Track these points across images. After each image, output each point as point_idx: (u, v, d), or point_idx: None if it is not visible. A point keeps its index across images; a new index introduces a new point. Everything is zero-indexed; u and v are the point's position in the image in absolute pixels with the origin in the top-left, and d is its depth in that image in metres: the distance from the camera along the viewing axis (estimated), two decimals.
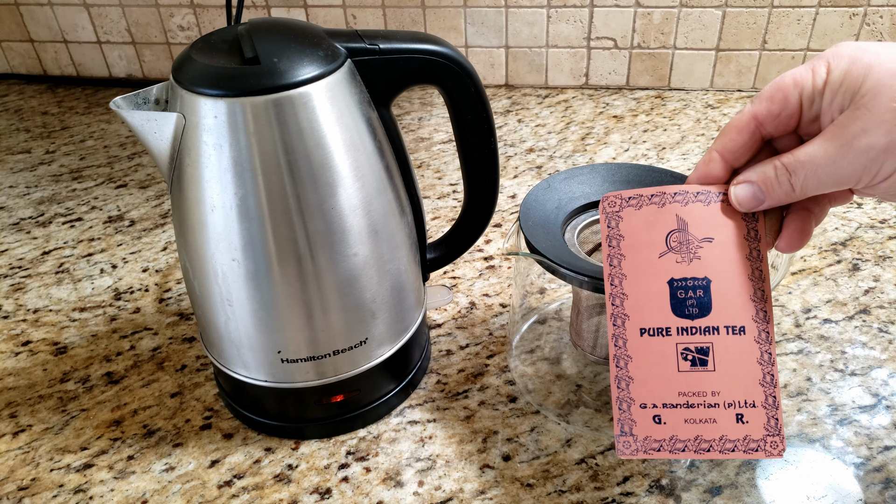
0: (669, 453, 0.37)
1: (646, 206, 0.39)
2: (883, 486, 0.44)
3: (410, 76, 0.43)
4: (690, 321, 0.37)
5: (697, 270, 0.37)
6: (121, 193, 0.80)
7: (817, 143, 0.34)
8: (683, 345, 0.37)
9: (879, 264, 0.63)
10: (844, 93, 0.33)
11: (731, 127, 0.37)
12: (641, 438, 0.37)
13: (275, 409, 0.48)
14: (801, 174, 0.34)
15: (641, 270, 0.38)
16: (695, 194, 0.38)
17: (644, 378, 0.38)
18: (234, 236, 0.40)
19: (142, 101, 0.41)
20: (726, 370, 0.37)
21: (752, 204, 0.36)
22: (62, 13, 1.02)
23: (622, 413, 0.38)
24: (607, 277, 0.38)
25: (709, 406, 0.37)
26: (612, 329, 0.38)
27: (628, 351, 0.38)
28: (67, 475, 0.47)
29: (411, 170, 0.47)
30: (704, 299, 0.37)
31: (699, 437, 0.37)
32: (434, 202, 0.75)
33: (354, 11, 0.97)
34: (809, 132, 0.36)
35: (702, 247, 0.38)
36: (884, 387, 0.51)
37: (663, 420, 0.37)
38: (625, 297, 0.38)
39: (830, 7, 0.87)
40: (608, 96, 0.97)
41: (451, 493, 0.44)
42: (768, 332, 0.37)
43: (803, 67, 0.35)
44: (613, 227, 0.39)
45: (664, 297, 0.38)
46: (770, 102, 0.36)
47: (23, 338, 0.59)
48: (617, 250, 0.39)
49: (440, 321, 0.59)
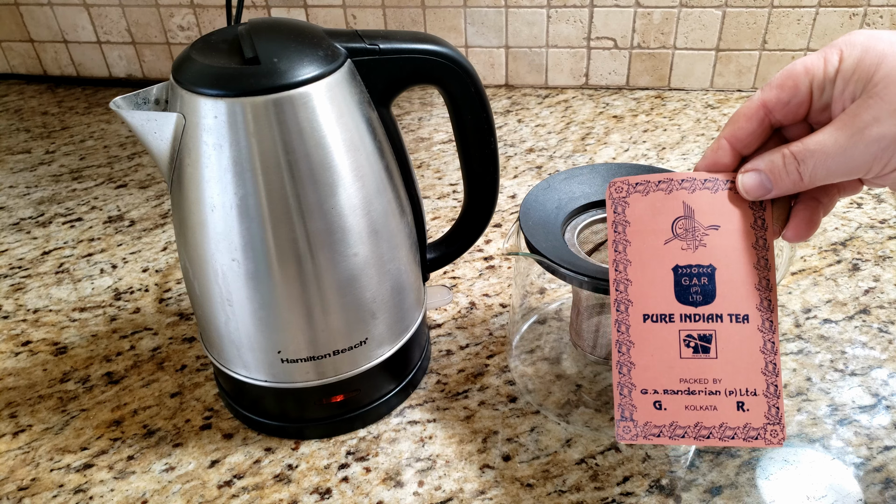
0: (669, 439, 0.37)
1: (653, 192, 0.38)
2: (883, 486, 0.44)
3: (410, 76, 0.43)
4: (694, 308, 0.37)
5: (703, 258, 0.37)
6: (121, 193, 0.80)
7: (827, 131, 0.33)
8: (686, 332, 0.37)
9: (879, 264, 0.63)
10: (857, 81, 0.33)
11: (740, 114, 0.37)
12: (641, 424, 0.37)
13: (275, 409, 0.48)
14: (811, 163, 0.34)
15: (646, 256, 0.38)
16: (702, 181, 0.38)
17: (646, 364, 0.38)
18: (234, 236, 0.40)
19: (142, 101, 0.41)
20: (728, 358, 0.37)
21: (759, 192, 0.36)
22: (62, 13, 1.02)
23: (623, 398, 0.38)
24: (612, 263, 0.38)
25: (710, 393, 0.37)
26: (616, 314, 0.38)
27: (631, 336, 0.38)
28: (67, 475, 0.47)
29: (411, 170, 0.47)
30: (709, 287, 0.37)
31: (699, 424, 0.37)
32: (434, 202, 0.75)
33: (354, 11, 0.97)
34: (819, 121, 0.35)
35: (708, 234, 0.37)
36: (884, 387, 0.51)
37: (664, 406, 0.37)
38: (629, 283, 0.38)
39: (830, 7, 0.87)
40: (608, 96, 0.97)
41: (451, 493, 0.44)
42: (772, 322, 0.37)
43: (815, 55, 0.34)
44: (619, 212, 0.39)
45: (668, 283, 0.38)
46: (780, 90, 0.35)
47: (23, 338, 0.59)
48: (622, 236, 0.38)
49: (440, 321, 0.59)
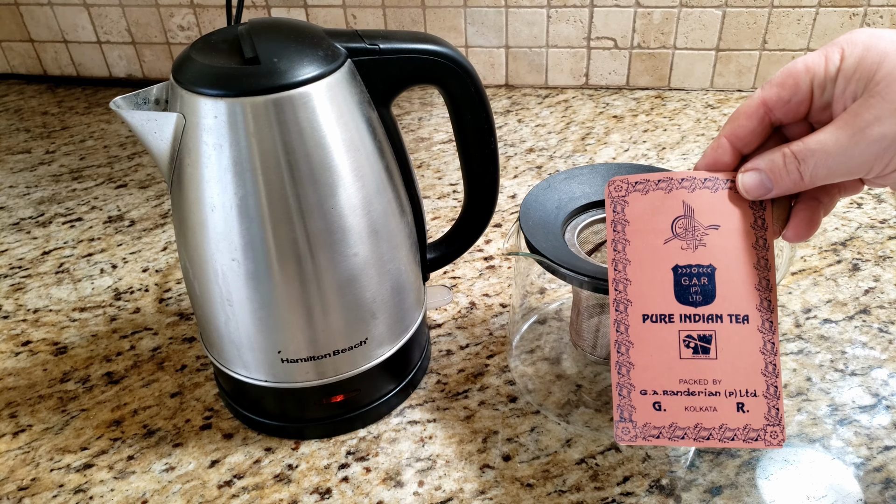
0: (669, 440, 0.37)
1: (652, 191, 0.38)
2: (883, 486, 0.44)
3: (410, 76, 0.43)
4: (694, 308, 0.37)
5: (702, 258, 0.37)
6: (121, 193, 0.80)
7: (828, 130, 0.33)
8: (686, 332, 0.37)
9: (879, 264, 0.63)
10: (858, 80, 0.32)
11: (741, 112, 0.36)
12: (641, 425, 0.37)
13: (275, 409, 0.48)
14: (811, 162, 0.34)
15: (646, 256, 0.38)
16: (702, 181, 0.38)
17: (645, 364, 0.37)
18: (234, 236, 0.40)
19: (142, 101, 0.41)
20: (728, 359, 0.37)
21: (759, 192, 0.36)
22: (62, 13, 1.02)
23: (622, 399, 0.37)
24: (611, 262, 0.38)
25: (710, 394, 0.37)
26: (615, 314, 0.38)
27: (630, 337, 0.37)
28: (67, 475, 0.47)
29: (411, 170, 0.47)
30: (709, 287, 0.37)
31: (699, 425, 0.37)
32: (434, 202, 0.75)
33: (354, 11, 0.97)
34: (820, 120, 0.35)
35: (707, 234, 0.37)
36: (884, 387, 0.51)
37: (663, 407, 0.37)
38: (628, 283, 0.38)
39: (830, 7, 0.87)
40: (608, 96, 0.97)
41: (451, 493, 0.44)
42: (772, 322, 0.37)
43: (816, 54, 0.34)
44: (619, 211, 0.38)
45: (668, 283, 0.37)
46: (780, 88, 0.35)
47: (23, 338, 0.59)
48: (622, 235, 0.38)
49: (440, 321, 0.59)
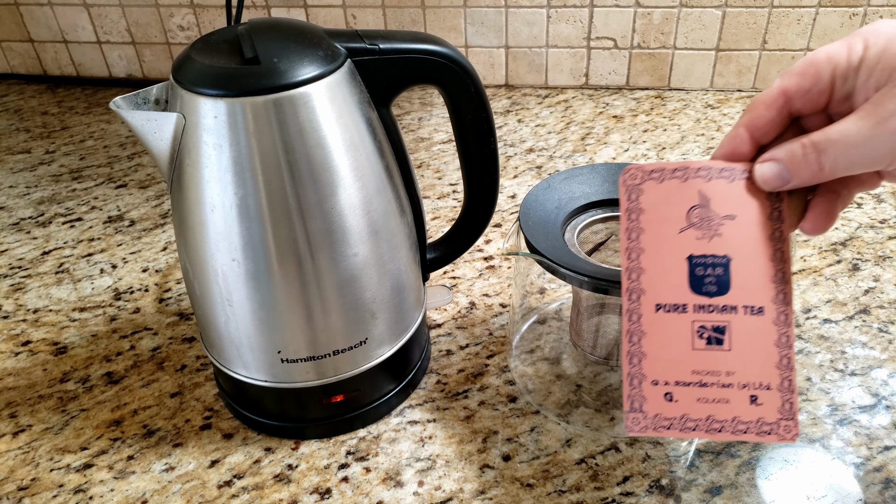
0: (680, 431, 0.36)
1: (668, 180, 0.37)
2: (883, 486, 0.44)
3: (410, 76, 0.43)
4: (708, 299, 0.36)
5: (718, 248, 0.36)
6: (121, 193, 0.80)
7: (850, 120, 0.33)
8: (700, 323, 0.36)
9: (879, 264, 0.63)
10: (882, 70, 0.32)
11: (759, 102, 0.36)
12: (651, 416, 0.36)
13: (275, 409, 0.48)
14: (832, 153, 0.33)
15: (660, 245, 0.37)
16: (719, 170, 0.37)
17: (657, 354, 0.36)
18: (234, 236, 0.40)
19: (142, 101, 0.41)
20: (742, 351, 0.36)
21: (776, 183, 0.35)
22: (62, 13, 1.02)
23: (633, 389, 0.36)
24: (624, 251, 0.37)
25: (723, 386, 0.36)
26: (627, 304, 0.37)
27: (642, 326, 0.37)
28: (67, 475, 0.47)
29: (411, 170, 0.47)
30: (723, 277, 0.36)
31: (711, 418, 0.36)
32: (434, 202, 0.75)
33: (354, 11, 0.97)
34: (840, 111, 0.35)
35: (723, 224, 0.36)
36: (884, 387, 0.51)
37: (675, 398, 0.36)
38: (641, 272, 0.37)
39: (830, 7, 0.87)
40: (608, 96, 0.97)
41: (451, 493, 0.44)
42: (787, 315, 0.36)
43: (838, 44, 0.34)
44: (634, 199, 0.38)
45: (682, 273, 0.37)
46: (801, 77, 0.35)
47: (23, 338, 0.59)
48: (636, 223, 0.37)
49: (440, 321, 0.59)
